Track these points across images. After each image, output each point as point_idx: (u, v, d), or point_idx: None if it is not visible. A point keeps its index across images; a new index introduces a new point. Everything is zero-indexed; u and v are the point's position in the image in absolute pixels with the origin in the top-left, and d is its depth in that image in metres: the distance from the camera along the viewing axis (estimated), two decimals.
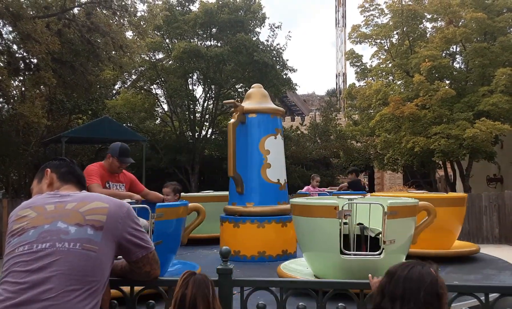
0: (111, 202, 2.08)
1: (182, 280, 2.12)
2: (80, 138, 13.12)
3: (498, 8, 15.93)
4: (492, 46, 15.26)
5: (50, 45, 10.86)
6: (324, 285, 2.47)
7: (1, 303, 1.77)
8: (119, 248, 2.07)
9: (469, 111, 14.67)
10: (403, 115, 14.98)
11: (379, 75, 18.57)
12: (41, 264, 1.83)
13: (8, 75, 11.03)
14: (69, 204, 2.03)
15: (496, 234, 12.36)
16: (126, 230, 2.06)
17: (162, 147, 19.28)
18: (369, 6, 18.16)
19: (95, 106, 15.92)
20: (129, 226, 2.09)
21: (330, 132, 22.57)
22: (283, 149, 6.11)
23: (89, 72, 13.29)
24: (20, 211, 2.06)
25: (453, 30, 15.43)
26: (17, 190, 15.20)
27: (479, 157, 15.06)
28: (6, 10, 10.22)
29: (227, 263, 2.40)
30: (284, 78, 19.28)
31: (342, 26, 39.00)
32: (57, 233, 1.91)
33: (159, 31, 18.49)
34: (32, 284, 1.79)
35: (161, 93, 20.58)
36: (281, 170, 5.97)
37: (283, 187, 5.92)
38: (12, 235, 1.99)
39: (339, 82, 40.27)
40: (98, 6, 12.37)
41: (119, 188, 4.75)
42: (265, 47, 18.58)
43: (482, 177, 18.52)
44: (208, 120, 20.33)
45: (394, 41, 18.12)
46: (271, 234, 5.60)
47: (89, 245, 1.91)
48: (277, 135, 5.95)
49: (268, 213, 5.67)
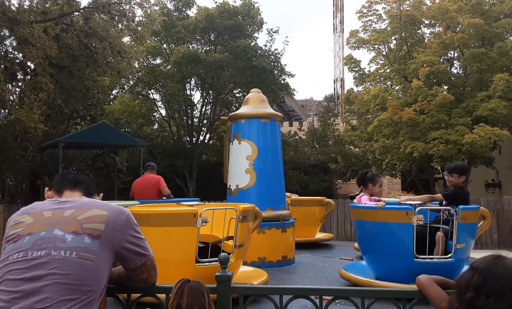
0: (111, 209, 2.03)
1: (176, 288, 2.06)
2: (78, 143, 13.03)
3: (496, 14, 15.98)
4: (490, 52, 15.30)
5: (48, 50, 10.83)
6: (324, 292, 2.43)
7: None
8: (117, 256, 2.02)
9: (467, 117, 14.67)
10: (402, 120, 14.98)
11: (377, 81, 18.58)
12: (35, 273, 1.78)
13: (5, 80, 10.98)
14: (67, 211, 1.98)
15: (495, 239, 12.32)
16: (125, 239, 2.02)
17: (159, 153, 19.22)
18: (367, 12, 18.20)
19: (93, 112, 15.87)
20: (128, 234, 2.04)
21: (328, 138, 22.56)
22: (238, 155, 5.98)
23: (87, 78, 13.26)
24: (18, 217, 2.02)
25: (451, 35, 15.47)
26: (13, 196, 15.12)
27: (478, 162, 15.06)
28: (3, 15, 10.18)
29: (226, 270, 2.36)
30: (282, 83, 19.27)
31: (340, 32, 39.07)
32: (53, 240, 1.87)
33: (157, 37, 18.48)
34: (26, 293, 1.74)
35: (159, 98, 20.56)
36: (231, 175, 6.01)
37: (233, 192, 5.91)
38: (7, 240, 1.95)
39: (337, 87, 40.31)
40: (96, 11, 12.36)
41: None
42: (263, 52, 18.58)
43: (481, 182, 18.53)
44: (206, 126, 20.30)
45: (392, 47, 18.15)
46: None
47: (86, 254, 1.86)
48: (233, 141, 6.02)
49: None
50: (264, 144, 5.91)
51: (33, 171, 14.94)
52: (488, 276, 1.81)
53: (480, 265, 1.86)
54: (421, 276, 2.26)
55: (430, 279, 2.20)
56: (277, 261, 5.56)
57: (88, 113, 15.70)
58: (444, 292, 2.12)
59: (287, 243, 5.72)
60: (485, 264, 1.85)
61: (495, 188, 18.59)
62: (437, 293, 2.12)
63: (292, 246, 5.78)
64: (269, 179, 5.87)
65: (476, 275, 1.84)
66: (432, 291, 2.14)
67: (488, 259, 1.88)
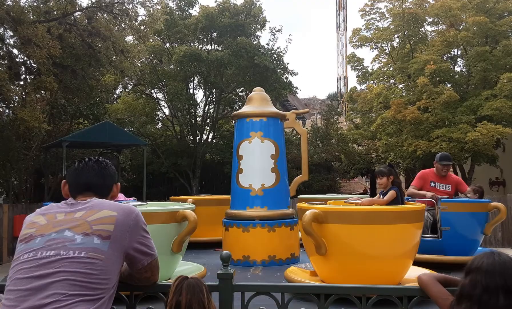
0: (120, 210, 2.04)
1: (175, 286, 2.06)
2: (81, 143, 13.08)
3: (500, 12, 15.90)
4: (494, 50, 15.21)
5: (51, 50, 10.86)
6: (326, 289, 2.43)
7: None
8: (127, 256, 2.04)
9: (471, 115, 14.61)
10: (405, 119, 14.93)
11: (380, 79, 18.55)
12: (44, 271, 1.81)
13: (9, 80, 11.02)
14: (78, 213, 2.01)
15: (499, 237, 12.30)
16: (134, 239, 2.04)
17: (163, 152, 19.25)
18: (370, 10, 18.17)
19: (96, 111, 15.90)
20: (138, 234, 2.06)
21: (331, 136, 22.51)
22: (263, 153, 5.91)
23: (90, 77, 13.29)
24: (34, 217, 2.06)
25: (454, 33, 15.41)
26: (17, 195, 15.18)
27: (481, 161, 15.00)
28: (7, 15, 10.21)
29: (228, 268, 2.37)
30: (285, 82, 19.24)
31: (343, 30, 39.01)
32: (63, 241, 1.89)
33: (159, 36, 18.49)
34: (34, 290, 1.76)
35: (162, 97, 20.57)
36: (255, 174, 5.88)
37: (256, 191, 5.81)
38: (20, 240, 1.99)
39: (340, 86, 40.26)
40: (99, 10, 12.38)
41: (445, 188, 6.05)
42: (266, 51, 18.57)
43: (485, 181, 18.45)
44: (209, 125, 20.30)
45: (395, 45, 18.11)
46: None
47: (95, 254, 1.88)
48: (252, 139, 5.90)
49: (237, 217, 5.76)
50: (281, 144, 6.04)
51: (37, 170, 14.99)
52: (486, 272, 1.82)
53: (481, 264, 1.85)
54: (423, 274, 2.26)
55: (432, 278, 2.19)
56: (286, 258, 5.64)
57: (91, 113, 15.74)
58: (446, 290, 2.12)
59: (296, 241, 5.78)
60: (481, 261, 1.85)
61: (499, 186, 18.52)
62: (439, 292, 2.12)
63: (298, 243, 5.85)
64: (285, 178, 6.00)
65: (480, 274, 1.83)
66: (435, 290, 2.13)
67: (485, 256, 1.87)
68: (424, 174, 6.34)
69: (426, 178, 6.21)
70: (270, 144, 5.88)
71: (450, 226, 5.43)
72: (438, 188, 6.13)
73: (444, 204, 5.50)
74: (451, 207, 5.50)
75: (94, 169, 2.21)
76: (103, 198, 2.17)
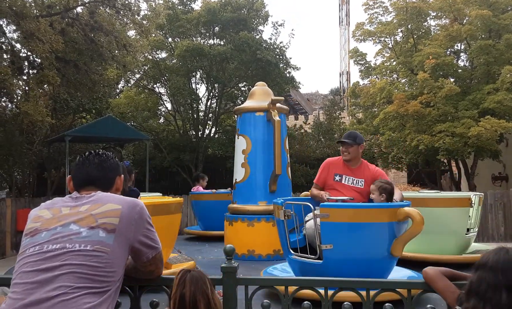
0: (125, 203, 2.05)
1: (178, 279, 2.07)
2: (84, 137, 13.11)
3: (503, 6, 15.82)
4: (497, 44, 15.15)
5: (54, 44, 10.85)
6: (329, 283, 2.44)
7: (11, 305, 1.75)
8: (132, 250, 2.05)
9: (473, 109, 14.57)
10: (408, 113, 14.90)
11: (383, 74, 18.47)
12: (49, 264, 1.82)
13: (11, 74, 11.03)
14: (83, 207, 2.01)
15: (502, 232, 12.27)
16: (139, 232, 2.05)
17: (165, 146, 19.27)
18: (373, 4, 18.07)
19: (99, 105, 15.93)
20: (143, 227, 2.06)
21: (334, 131, 22.49)
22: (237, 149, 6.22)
23: (93, 71, 13.29)
24: (39, 211, 2.06)
25: (458, 27, 15.34)
26: (20, 189, 15.22)
27: (484, 155, 14.97)
28: (9, 9, 10.21)
29: (232, 261, 2.38)
30: (287, 77, 19.19)
31: (346, 25, 38.88)
32: (68, 234, 1.90)
33: (161, 30, 18.47)
34: (40, 283, 1.78)
35: (164, 92, 20.57)
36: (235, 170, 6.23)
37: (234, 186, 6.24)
38: (25, 234, 2.00)
39: (343, 80, 40.16)
40: (101, 5, 12.36)
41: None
42: (268, 46, 18.52)
43: (487, 175, 18.43)
44: (211, 119, 20.29)
45: (398, 39, 18.02)
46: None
47: (100, 247, 1.89)
48: (235, 135, 6.30)
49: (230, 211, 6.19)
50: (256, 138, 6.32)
51: (40, 164, 15.03)
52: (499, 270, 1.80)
53: (486, 261, 1.85)
54: (428, 268, 2.25)
55: (437, 272, 2.19)
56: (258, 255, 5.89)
57: (94, 107, 15.76)
58: (453, 284, 2.12)
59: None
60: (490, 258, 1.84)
61: (502, 181, 18.48)
62: (447, 285, 2.12)
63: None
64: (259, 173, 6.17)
65: (485, 271, 1.83)
66: (441, 284, 2.13)
67: (493, 252, 1.87)
68: (329, 163, 4.51)
69: (330, 168, 4.45)
70: (243, 139, 6.09)
71: (333, 243, 3.66)
72: (345, 182, 4.33)
73: (324, 210, 3.68)
74: (334, 215, 3.65)
75: (95, 162, 2.21)
76: (105, 190, 2.16)
